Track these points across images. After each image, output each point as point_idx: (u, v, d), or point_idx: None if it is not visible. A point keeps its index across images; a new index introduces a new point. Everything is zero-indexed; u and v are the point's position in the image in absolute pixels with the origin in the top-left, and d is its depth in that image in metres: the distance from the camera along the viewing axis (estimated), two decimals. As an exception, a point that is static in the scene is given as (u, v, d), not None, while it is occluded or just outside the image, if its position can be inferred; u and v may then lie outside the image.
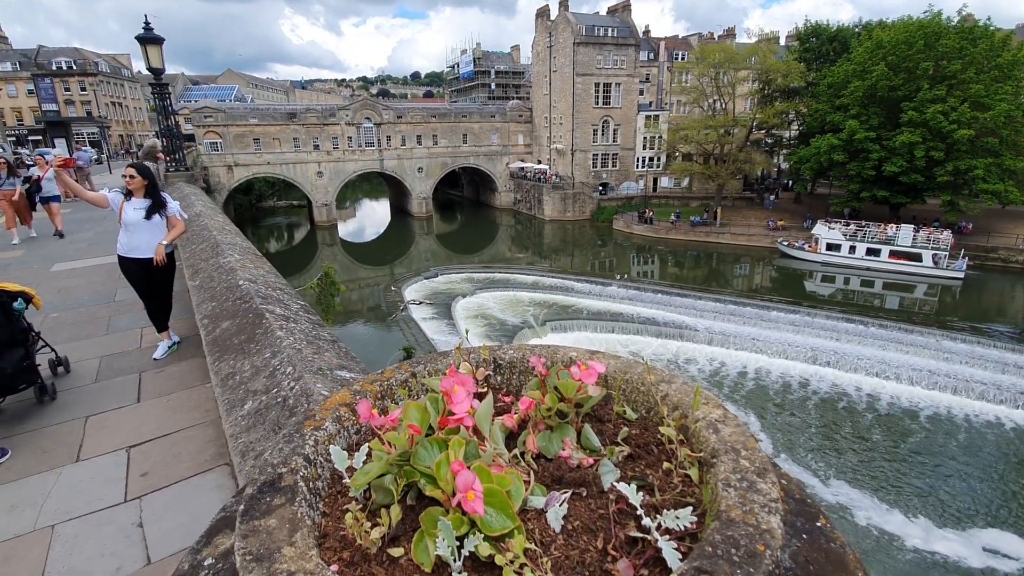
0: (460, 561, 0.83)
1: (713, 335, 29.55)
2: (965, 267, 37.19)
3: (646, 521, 0.88)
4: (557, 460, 1.09)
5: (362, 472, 0.98)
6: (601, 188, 58.56)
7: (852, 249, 40.42)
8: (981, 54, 37.54)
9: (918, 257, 38.25)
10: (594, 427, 1.18)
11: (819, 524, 1.04)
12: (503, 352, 1.46)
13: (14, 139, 61.98)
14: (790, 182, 60.18)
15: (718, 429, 1.06)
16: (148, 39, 14.66)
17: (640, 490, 0.94)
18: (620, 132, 57.61)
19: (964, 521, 16.90)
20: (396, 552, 0.89)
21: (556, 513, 0.93)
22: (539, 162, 63.21)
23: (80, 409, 4.46)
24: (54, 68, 70.53)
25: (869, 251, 39.99)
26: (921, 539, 16.01)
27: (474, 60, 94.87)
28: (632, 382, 1.29)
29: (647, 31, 67.78)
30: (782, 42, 65.28)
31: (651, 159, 58.76)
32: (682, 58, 62.27)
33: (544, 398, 1.13)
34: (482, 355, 1.44)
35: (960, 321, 31.14)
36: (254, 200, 68.64)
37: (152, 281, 5.52)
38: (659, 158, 58.49)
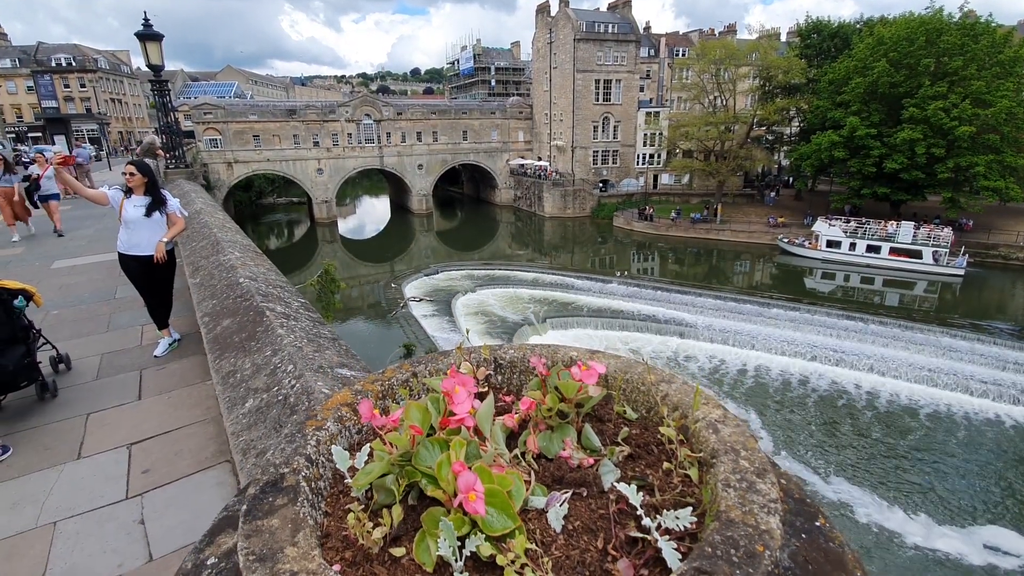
0: (461, 561, 0.84)
1: (713, 332, 29.56)
2: (965, 264, 37.17)
3: (646, 521, 0.88)
4: (558, 460, 1.09)
5: (364, 472, 0.98)
6: (601, 185, 58.47)
7: (852, 246, 40.39)
8: (982, 51, 37.44)
9: (918, 254, 38.22)
10: (594, 427, 1.18)
11: (818, 524, 1.05)
12: (504, 352, 1.46)
13: (14, 136, 61.95)
14: (791, 179, 60.08)
15: (718, 429, 1.06)
16: (147, 36, 14.62)
17: (640, 490, 0.95)
18: (620, 129, 57.50)
19: (964, 518, 16.92)
20: (398, 552, 0.89)
21: (557, 513, 0.93)
22: (539, 159, 63.09)
23: (81, 406, 4.47)
24: (53, 65, 70.40)
25: (869, 248, 39.96)
26: (922, 536, 16.01)
27: (474, 56, 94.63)
28: (632, 382, 1.30)
29: (648, 27, 67.68)
30: (783, 38, 65.09)
31: (651, 156, 58.66)
32: (683, 54, 62.18)
33: (545, 398, 1.14)
34: (483, 355, 1.44)
35: (960, 318, 31.14)
36: (254, 197, 68.60)
37: (152, 278, 5.53)
38: (659, 155, 58.37)
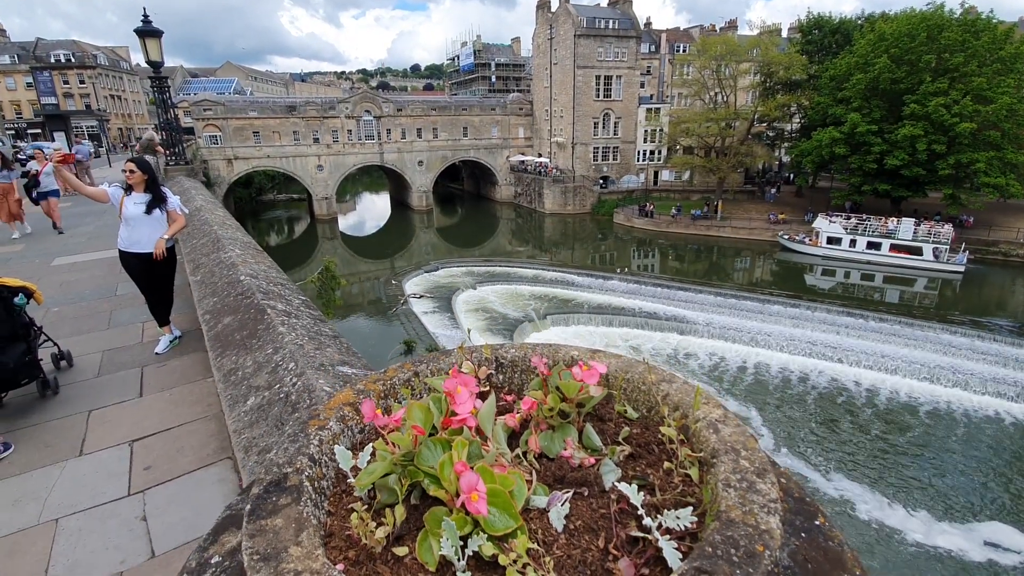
0: (464, 560, 0.84)
1: (713, 329, 29.58)
2: (965, 261, 37.17)
3: (647, 521, 0.89)
4: (559, 460, 1.10)
5: (366, 472, 0.99)
6: (602, 181, 58.39)
7: (853, 243, 40.39)
8: (983, 47, 37.35)
9: (919, 251, 38.21)
10: (595, 426, 1.19)
11: (817, 523, 1.06)
12: (505, 351, 1.47)
13: (13, 133, 61.88)
14: (791, 175, 59.99)
15: (718, 429, 1.06)
16: (147, 32, 14.53)
17: (641, 490, 0.95)
18: (621, 125, 57.39)
19: (964, 515, 16.96)
20: (401, 551, 0.90)
21: (558, 513, 0.94)
22: (539, 155, 62.99)
23: (83, 403, 4.48)
24: (52, 61, 70.22)
25: (870, 245, 39.96)
26: (922, 533, 16.05)
27: (474, 52, 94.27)
28: (633, 381, 1.30)
29: (648, 23, 67.45)
30: (784, 34, 64.90)
31: (652, 152, 58.57)
32: (683, 50, 61.97)
33: (546, 398, 1.14)
34: (484, 354, 1.45)
35: (960, 315, 31.14)
36: (254, 193, 68.51)
37: (153, 275, 5.53)
38: (660, 151, 58.29)
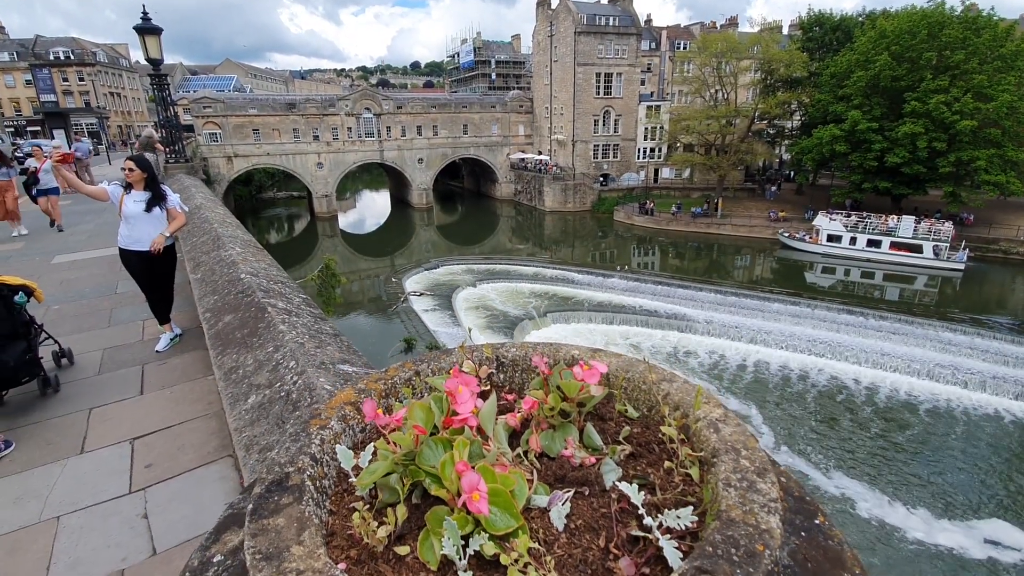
0: (465, 560, 0.84)
1: (713, 327, 29.58)
2: (966, 258, 37.15)
3: (647, 520, 0.89)
4: (560, 459, 1.10)
5: (368, 471, 0.99)
6: (602, 179, 58.35)
7: (853, 240, 40.38)
8: (984, 44, 37.28)
9: (919, 248, 38.20)
10: (596, 425, 1.19)
11: (817, 522, 1.06)
12: (506, 350, 1.47)
13: (12, 130, 61.76)
14: (792, 173, 59.96)
15: (719, 428, 1.07)
16: (146, 29, 14.48)
17: (641, 489, 0.96)
18: (621, 122, 57.31)
19: (965, 513, 16.98)
20: (402, 550, 0.90)
21: (559, 512, 0.94)
22: (540, 153, 62.91)
23: (83, 401, 4.48)
24: (52, 58, 70.07)
25: (870, 242, 39.94)
26: (923, 531, 16.07)
27: (474, 50, 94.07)
28: (634, 381, 1.30)
29: (649, 20, 67.32)
30: (785, 31, 64.83)
31: (652, 150, 58.51)
32: (684, 47, 61.87)
33: (547, 398, 1.14)
34: (485, 353, 1.45)
35: (960, 313, 31.15)
36: (254, 191, 68.42)
37: (153, 273, 5.54)
38: (660, 149, 58.23)
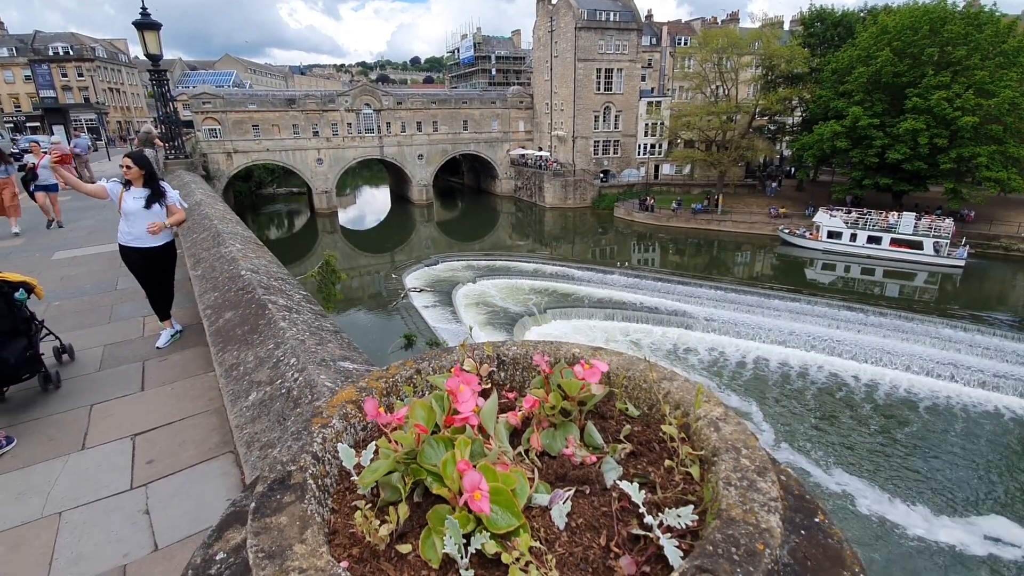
0: (467, 558, 0.85)
1: (713, 323, 29.60)
2: (966, 255, 37.12)
3: (648, 519, 0.90)
4: (561, 457, 1.10)
5: (370, 470, 0.99)
6: (602, 175, 58.26)
7: (853, 237, 40.34)
8: (987, 40, 37.12)
9: (919, 245, 38.16)
10: (597, 424, 1.19)
11: (817, 520, 1.06)
12: (507, 348, 1.47)
13: (12, 126, 61.66)
14: (792, 169, 59.86)
15: (719, 427, 1.07)
16: (145, 25, 14.44)
17: (642, 488, 0.96)
18: (622, 118, 57.17)
19: (965, 509, 17.00)
20: (404, 549, 0.91)
21: (560, 511, 0.95)
22: (540, 149, 62.79)
23: (85, 397, 4.49)
24: (51, 54, 69.85)
25: (870, 239, 39.91)
26: (924, 528, 16.10)
27: (474, 45, 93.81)
28: (634, 379, 1.31)
29: (649, 15, 67.02)
30: (786, 27, 64.60)
31: (653, 146, 58.39)
32: (685, 43, 61.62)
33: (548, 396, 1.15)
34: (486, 351, 1.45)
35: (960, 309, 31.15)
36: (254, 187, 68.36)
37: (153, 270, 5.54)
38: (661, 145, 58.12)
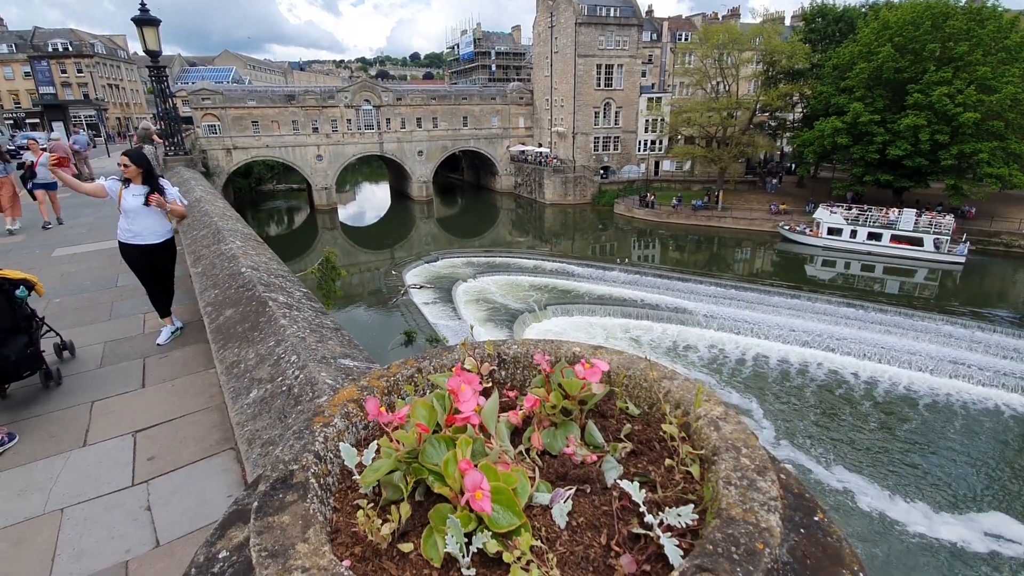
0: (468, 557, 0.85)
1: (714, 320, 29.61)
2: (966, 252, 37.08)
3: (648, 518, 0.90)
4: (561, 457, 1.11)
5: (372, 469, 1.00)
6: (602, 171, 58.15)
7: (853, 233, 40.29)
8: (989, 36, 36.99)
9: (919, 241, 38.11)
10: (597, 423, 1.19)
11: (816, 518, 1.07)
12: (507, 347, 1.48)
13: (11, 122, 61.59)
14: (793, 166, 59.74)
15: (719, 426, 1.07)
16: (144, 21, 14.40)
17: (643, 487, 0.96)
18: (622, 115, 57.03)
19: (966, 506, 17.03)
20: (406, 547, 0.91)
21: (561, 510, 0.95)
22: (540, 145, 62.66)
23: (86, 394, 4.50)
24: (50, 50, 69.69)
25: (870, 235, 39.85)
26: (925, 525, 16.11)
27: (474, 41, 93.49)
28: (635, 378, 1.31)
29: (650, 11, 66.83)
30: (787, 22, 64.39)
31: (653, 142, 58.26)
32: (685, 39, 61.40)
33: (549, 396, 1.15)
34: (487, 350, 1.46)
35: (961, 306, 31.13)
36: (253, 184, 68.27)
37: (153, 267, 5.54)
38: (661, 141, 57.99)
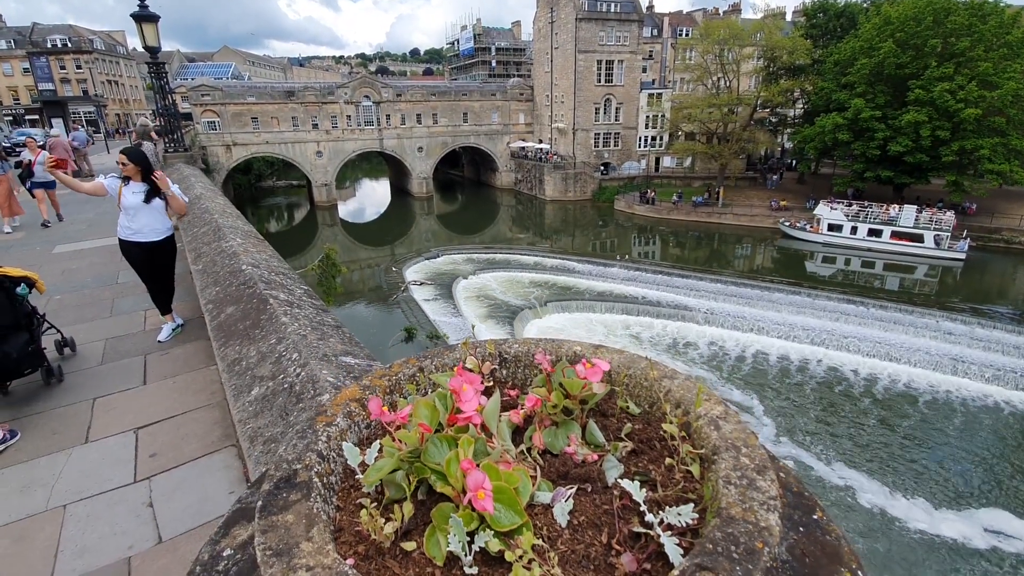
0: (471, 556, 0.86)
1: (714, 317, 29.63)
2: (967, 248, 37.09)
3: (649, 517, 0.91)
4: (563, 456, 1.12)
5: (374, 468, 1.01)
6: (603, 168, 58.07)
7: (854, 230, 40.29)
8: (990, 31, 36.90)
9: (920, 238, 38.12)
10: (598, 422, 1.20)
11: (815, 517, 1.08)
12: (508, 346, 1.48)
13: (11, 119, 61.49)
14: (794, 162, 59.66)
15: (719, 426, 1.08)
16: (143, 16, 14.31)
17: (643, 486, 0.97)
18: (622, 111, 56.92)
19: (966, 502, 17.08)
20: (409, 546, 0.92)
21: (562, 509, 0.96)
22: (540, 141, 62.56)
23: (87, 391, 4.52)
24: (49, 46, 69.51)
25: (871, 232, 39.86)
26: (925, 522, 16.18)
27: (474, 36, 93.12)
28: (635, 377, 1.32)
29: (651, 6, 66.63)
30: (788, 18, 64.24)
31: (653, 138, 58.18)
32: (686, 34, 61.26)
33: (550, 395, 1.16)
34: (488, 349, 1.46)
35: (961, 302, 31.17)
36: (253, 180, 68.16)
37: (154, 264, 5.56)
38: (662, 137, 57.91)
